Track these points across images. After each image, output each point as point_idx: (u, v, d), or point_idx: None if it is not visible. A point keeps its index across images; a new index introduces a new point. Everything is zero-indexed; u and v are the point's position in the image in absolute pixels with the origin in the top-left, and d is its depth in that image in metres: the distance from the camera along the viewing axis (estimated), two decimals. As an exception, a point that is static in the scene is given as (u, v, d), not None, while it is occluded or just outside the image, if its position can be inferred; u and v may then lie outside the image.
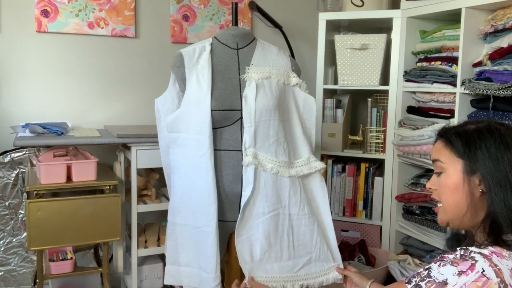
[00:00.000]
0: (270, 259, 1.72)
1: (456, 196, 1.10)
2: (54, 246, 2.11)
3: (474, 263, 0.97)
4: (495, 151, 1.06)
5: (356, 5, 2.75)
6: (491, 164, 1.05)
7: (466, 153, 1.08)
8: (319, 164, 1.82)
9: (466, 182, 1.08)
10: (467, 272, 0.96)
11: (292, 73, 1.81)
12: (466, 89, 2.13)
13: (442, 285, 0.97)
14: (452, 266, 0.98)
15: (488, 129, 1.08)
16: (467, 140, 1.09)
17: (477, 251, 0.99)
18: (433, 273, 0.99)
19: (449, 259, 1.00)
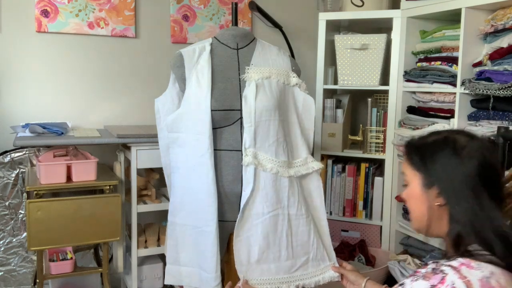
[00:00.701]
0: (268, 260, 1.72)
1: (418, 208, 1.13)
2: (54, 246, 2.11)
3: (444, 276, 0.97)
4: (449, 164, 1.07)
5: (356, 5, 2.75)
6: (446, 177, 1.06)
7: (422, 167, 1.11)
8: (316, 165, 1.83)
9: (425, 195, 1.11)
10: (438, 286, 0.97)
11: (292, 73, 1.81)
12: (466, 89, 2.13)
13: None
14: (424, 281, 0.99)
15: (444, 142, 1.09)
16: (422, 154, 1.11)
17: (446, 263, 1.00)
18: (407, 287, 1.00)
19: (422, 273, 1.01)
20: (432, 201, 1.10)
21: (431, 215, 1.11)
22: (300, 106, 1.83)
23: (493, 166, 1.08)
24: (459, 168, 1.05)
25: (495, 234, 1.02)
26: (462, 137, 1.11)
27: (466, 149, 1.07)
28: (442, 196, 1.08)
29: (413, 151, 1.14)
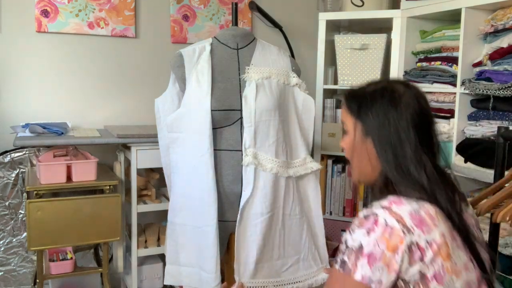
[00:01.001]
0: (263, 259, 1.73)
1: (357, 155, 1.15)
2: (54, 246, 2.11)
3: (376, 217, 1.00)
4: (383, 113, 1.09)
5: (356, 5, 2.74)
6: (378, 126, 1.10)
7: (360, 115, 1.13)
8: (315, 165, 1.83)
9: (362, 143, 1.13)
10: (373, 229, 0.99)
11: (292, 73, 1.81)
12: (466, 89, 2.13)
13: (359, 250, 0.99)
14: (360, 229, 1.01)
15: (382, 91, 1.12)
16: (360, 103, 1.13)
17: (377, 204, 1.03)
18: (349, 243, 1.02)
19: (356, 223, 1.03)
20: (369, 149, 1.12)
21: (368, 162, 1.13)
22: (300, 106, 1.83)
23: (426, 114, 1.12)
24: (394, 116, 1.09)
25: (424, 176, 1.06)
26: (399, 86, 1.13)
27: (403, 98, 1.10)
28: (375, 144, 1.11)
29: (352, 100, 1.16)
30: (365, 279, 0.98)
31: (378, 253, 0.98)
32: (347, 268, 1.00)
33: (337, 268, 1.02)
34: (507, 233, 1.91)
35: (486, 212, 1.39)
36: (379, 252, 0.98)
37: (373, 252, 0.98)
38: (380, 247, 0.98)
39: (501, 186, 1.50)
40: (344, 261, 1.01)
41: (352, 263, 0.99)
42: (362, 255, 0.98)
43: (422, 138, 1.09)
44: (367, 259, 0.98)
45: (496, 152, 1.60)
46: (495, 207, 1.39)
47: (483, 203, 1.40)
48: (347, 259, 1.00)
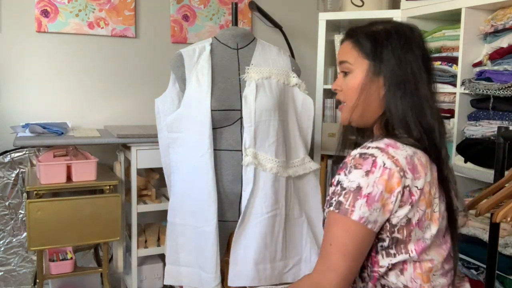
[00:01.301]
0: (265, 260, 1.72)
1: (361, 96, 1.12)
2: (54, 246, 2.11)
3: (374, 159, 1.01)
4: (400, 52, 1.09)
5: (356, 5, 2.74)
6: (395, 64, 1.09)
7: (373, 54, 1.11)
8: (313, 165, 1.84)
9: (371, 83, 1.11)
10: (372, 170, 1.00)
11: (292, 73, 1.81)
12: (466, 89, 2.13)
13: (357, 191, 1.00)
14: (357, 170, 1.01)
15: (396, 30, 1.11)
16: (375, 41, 1.11)
17: (373, 146, 1.04)
18: (345, 184, 1.01)
19: (351, 163, 1.03)
20: (379, 89, 1.11)
21: (372, 103, 1.12)
22: (299, 106, 1.83)
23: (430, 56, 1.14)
24: (408, 55, 1.09)
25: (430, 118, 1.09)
26: (405, 27, 1.13)
27: (413, 37, 1.11)
28: (387, 83, 1.10)
29: (363, 38, 1.13)
30: (362, 219, 0.99)
31: (376, 194, 0.99)
32: (343, 208, 1.00)
33: (332, 209, 1.02)
34: (507, 233, 1.91)
35: (486, 212, 1.39)
36: (378, 193, 0.99)
37: (372, 193, 0.99)
38: (378, 188, 0.99)
39: (501, 186, 1.50)
40: (340, 202, 1.01)
41: (350, 203, 1.00)
42: (360, 196, 0.99)
43: (429, 80, 1.11)
44: (366, 200, 0.99)
45: (496, 152, 1.60)
46: (495, 207, 1.39)
47: (483, 203, 1.40)
48: (344, 200, 1.01)
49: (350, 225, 1.00)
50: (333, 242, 1.02)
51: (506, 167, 1.60)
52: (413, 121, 1.08)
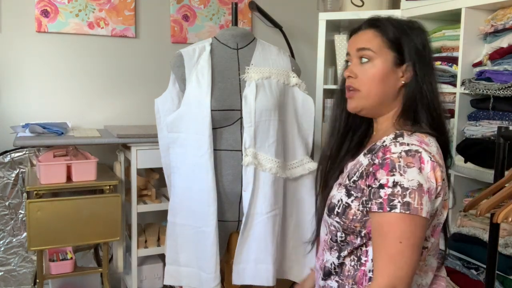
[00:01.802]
0: (267, 260, 1.72)
1: (380, 86, 1.14)
2: (54, 246, 2.11)
3: (420, 154, 1.05)
4: (420, 46, 1.14)
5: (356, 5, 2.74)
6: (419, 58, 1.14)
7: (398, 44, 1.14)
8: (313, 165, 1.84)
9: (392, 73, 1.14)
10: (422, 167, 1.04)
11: (292, 73, 1.81)
12: (466, 89, 2.12)
13: (419, 188, 1.02)
14: (411, 168, 1.03)
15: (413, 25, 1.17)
16: (402, 31, 1.15)
17: (410, 142, 1.07)
18: (405, 184, 1.02)
19: (400, 162, 1.04)
20: (397, 79, 1.15)
21: (390, 93, 1.15)
22: (299, 107, 1.83)
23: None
24: (424, 49, 1.15)
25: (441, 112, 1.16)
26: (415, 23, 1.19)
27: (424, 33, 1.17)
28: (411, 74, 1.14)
29: (389, 28, 1.16)
30: (428, 215, 1.04)
31: (433, 188, 1.05)
32: (413, 208, 1.01)
33: (399, 211, 1.02)
34: (507, 233, 1.91)
35: (487, 212, 1.39)
36: (434, 186, 1.05)
37: (430, 187, 1.04)
38: (433, 182, 1.05)
39: (501, 186, 1.50)
40: (408, 203, 1.01)
41: (417, 202, 1.02)
42: (424, 192, 1.03)
43: None
44: (428, 195, 1.04)
45: (496, 152, 1.60)
46: (496, 207, 1.39)
47: (484, 203, 1.40)
48: (411, 200, 1.01)
49: (421, 221, 1.03)
50: (404, 239, 1.02)
51: (506, 167, 1.60)
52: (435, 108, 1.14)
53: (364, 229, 1.11)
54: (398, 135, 1.10)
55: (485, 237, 1.93)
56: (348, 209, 1.12)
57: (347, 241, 1.15)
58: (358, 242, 1.13)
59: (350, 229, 1.13)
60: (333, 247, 1.19)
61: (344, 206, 1.13)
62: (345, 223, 1.13)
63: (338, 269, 1.17)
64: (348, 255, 1.16)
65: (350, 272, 1.15)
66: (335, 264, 1.18)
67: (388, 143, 1.08)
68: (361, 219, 1.10)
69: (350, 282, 1.15)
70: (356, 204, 1.11)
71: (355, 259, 1.14)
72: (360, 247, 1.14)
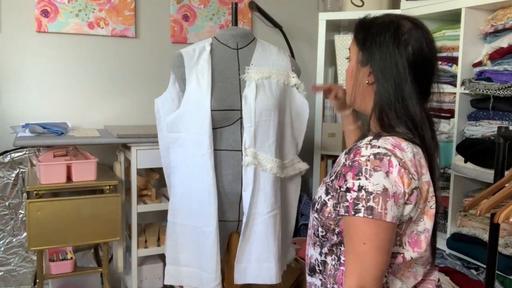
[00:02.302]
0: (269, 259, 1.73)
1: (350, 82, 1.21)
2: (54, 246, 2.11)
3: (389, 158, 1.04)
4: (385, 46, 1.13)
5: (356, 5, 2.74)
6: (380, 57, 1.13)
7: (363, 45, 1.17)
8: (303, 165, 1.85)
9: (359, 71, 1.18)
10: (390, 170, 1.03)
11: (292, 73, 1.81)
12: (466, 89, 2.13)
13: (384, 192, 1.02)
14: (377, 172, 1.03)
15: (389, 25, 1.15)
16: (366, 33, 1.17)
17: (382, 145, 1.06)
18: (370, 188, 1.02)
19: (367, 165, 1.03)
20: (362, 78, 1.17)
21: (358, 91, 1.19)
22: (295, 108, 1.84)
23: (426, 59, 1.14)
24: (394, 51, 1.12)
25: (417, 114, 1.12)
26: (407, 23, 1.15)
27: (406, 35, 1.13)
28: (373, 74, 1.14)
29: (360, 29, 1.20)
30: (394, 219, 1.03)
31: (400, 192, 1.03)
32: (376, 213, 1.02)
33: (362, 215, 1.02)
34: (507, 233, 1.91)
35: (487, 212, 1.39)
36: (401, 191, 1.03)
37: (396, 192, 1.03)
38: (400, 187, 1.03)
39: (501, 186, 1.50)
40: (371, 207, 1.01)
41: (381, 207, 1.02)
42: (389, 197, 1.02)
43: (418, 80, 1.12)
44: (394, 200, 1.02)
45: (496, 152, 1.60)
46: (496, 207, 1.40)
47: (484, 203, 1.40)
48: (374, 204, 1.02)
49: (385, 225, 1.03)
50: (367, 240, 1.03)
51: (506, 167, 1.60)
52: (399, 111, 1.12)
53: (337, 227, 1.12)
54: (376, 136, 1.11)
55: (485, 237, 1.93)
56: (325, 207, 1.14)
57: (326, 237, 1.17)
58: (335, 239, 1.15)
59: (325, 226, 1.15)
60: (316, 242, 1.21)
61: (322, 203, 1.16)
62: (322, 220, 1.15)
63: (321, 267, 1.20)
64: (329, 253, 1.17)
65: (331, 271, 1.17)
66: (319, 260, 1.20)
67: (361, 145, 1.09)
68: (335, 217, 1.12)
69: (331, 281, 1.17)
70: (331, 203, 1.13)
71: (336, 259, 1.16)
72: (338, 246, 1.15)
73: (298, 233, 3.05)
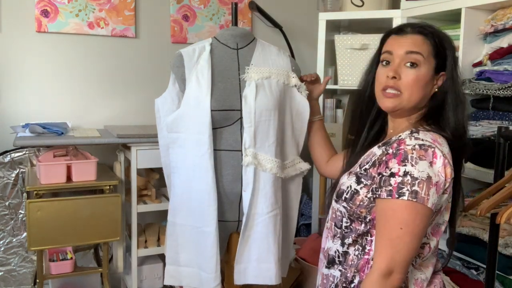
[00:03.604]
0: (269, 259, 1.73)
1: (421, 91, 1.21)
2: (54, 246, 2.11)
3: (433, 149, 1.11)
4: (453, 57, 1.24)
5: (356, 5, 2.74)
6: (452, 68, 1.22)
7: (440, 53, 1.22)
8: (304, 165, 1.85)
9: (431, 80, 1.22)
10: (434, 161, 1.10)
11: (292, 73, 1.81)
12: (466, 89, 2.12)
13: (428, 180, 1.08)
14: (423, 161, 1.09)
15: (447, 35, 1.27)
16: (441, 41, 1.24)
17: (425, 138, 1.13)
18: (416, 174, 1.08)
19: (414, 154, 1.10)
20: (433, 87, 1.22)
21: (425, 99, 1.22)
22: (295, 108, 1.83)
23: None
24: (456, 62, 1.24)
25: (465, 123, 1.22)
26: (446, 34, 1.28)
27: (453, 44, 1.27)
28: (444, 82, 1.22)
29: (435, 36, 1.24)
30: (433, 205, 1.09)
31: (442, 182, 1.10)
32: (419, 197, 1.07)
33: (406, 198, 1.07)
34: (507, 233, 1.91)
35: (487, 212, 1.39)
36: (442, 181, 1.10)
37: (439, 181, 1.10)
38: (442, 177, 1.10)
39: (501, 186, 1.50)
40: (416, 191, 1.07)
41: (425, 192, 1.07)
42: (432, 184, 1.08)
43: None
44: (436, 188, 1.09)
45: (496, 152, 1.60)
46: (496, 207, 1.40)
47: (484, 204, 1.40)
48: (419, 189, 1.07)
49: (425, 210, 1.08)
50: (404, 225, 1.08)
51: (506, 167, 1.60)
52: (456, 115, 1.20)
53: (369, 215, 1.16)
54: (414, 131, 1.16)
55: (485, 237, 1.93)
56: (356, 195, 1.18)
57: (351, 228, 1.20)
58: (362, 228, 1.18)
59: (355, 214, 1.18)
60: (337, 234, 1.24)
61: (352, 192, 1.19)
62: (352, 209, 1.18)
63: (342, 258, 1.22)
64: (353, 243, 1.21)
65: (353, 261, 1.20)
66: (339, 252, 1.23)
67: (404, 137, 1.14)
68: (367, 205, 1.16)
69: (353, 270, 1.20)
70: (365, 191, 1.17)
71: (360, 249, 1.20)
72: (364, 236, 1.19)
73: (298, 233, 3.05)
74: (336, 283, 1.23)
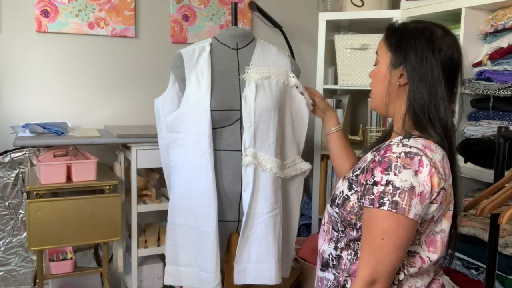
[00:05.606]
0: (269, 259, 1.73)
1: (381, 86, 1.22)
2: (54, 246, 2.11)
3: (420, 158, 1.07)
4: (421, 49, 1.16)
5: (356, 5, 2.74)
6: (415, 61, 1.16)
7: (397, 47, 1.19)
8: (305, 165, 1.85)
9: (391, 74, 1.20)
10: (420, 170, 1.06)
11: (291, 73, 1.81)
12: (466, 89, 2.12)
13: (411, 190, 1.05)
14: (407, 170, 1.06)
15: (422, 30, 1.18)
16: (401, 37, 1.19)
17: (413, 145, 1.09)
18: (397, 183, 1.05)
19: (399, 162, 1.07)
20: (394, 81, 1.19)
21: (390, 94, 1.20)
22: (295, 108, 1.83)
23: (456, 65, 1.18)
24: (429, 55, 1.15)
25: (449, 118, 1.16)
26: (439, 30, 1.19)
27: (439, 41, 1.16)
28: (407, 76, 1.17)
29: (393, 33, 1.21)
30: (416, 217, 1.06)
31: (427, 192, 1.06)
32: (400, 208, 1.04)
33: (386, 209, 1.05)
34: (507, 233, 1.91)
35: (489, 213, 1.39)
36: (428, 191, 1.06)
37: (423, 191, 1.06)
38: (428, 187, 1.06)
39: (501, 186, 1.50)
40: (396, 202, 1.04)
41: (406, 203, 1.04)
42: (414, 195, 1.05)
43: (449, 84, 1.17)
44: (419, 199, 1.05)
45: (496, 152, 1.60)
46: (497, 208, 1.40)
47: (485, 204, 1.40)
48: (400, 200, 1.04)
49: (407, 222, 1.05)
50: (385, 236, 1.06)
51: (506, 167, 1.60)
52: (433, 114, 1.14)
53: (359, 221, 1.15)
54: (406, 137, 1.14)
55: (485, 237, 1.93)
56: (347, 201, 1.17)
57: (345, 233, 1.20)
58: (354, 234, 1.17)
59: (346, 221, 1.17)
60: (332, 238, 1.23)
61: (344, 198, 1.18)
62: (343, 215, 1.17)
63: (335, 262, 1.22)
64: (346, 247, 1.20)
65: (346, 266, 1.20)
66: (333, 255, 1.22)
67: (392, 143, 1.12)
68: (357, 212, 1.15)
69: (345, 275, 1.19)
70: (355, 198, 1.16)
71: (352, 253, 1.19)
72: (356, 242, 1.18)
73: (298, 233, 3.05)
74: (329, 286, 1.23)
